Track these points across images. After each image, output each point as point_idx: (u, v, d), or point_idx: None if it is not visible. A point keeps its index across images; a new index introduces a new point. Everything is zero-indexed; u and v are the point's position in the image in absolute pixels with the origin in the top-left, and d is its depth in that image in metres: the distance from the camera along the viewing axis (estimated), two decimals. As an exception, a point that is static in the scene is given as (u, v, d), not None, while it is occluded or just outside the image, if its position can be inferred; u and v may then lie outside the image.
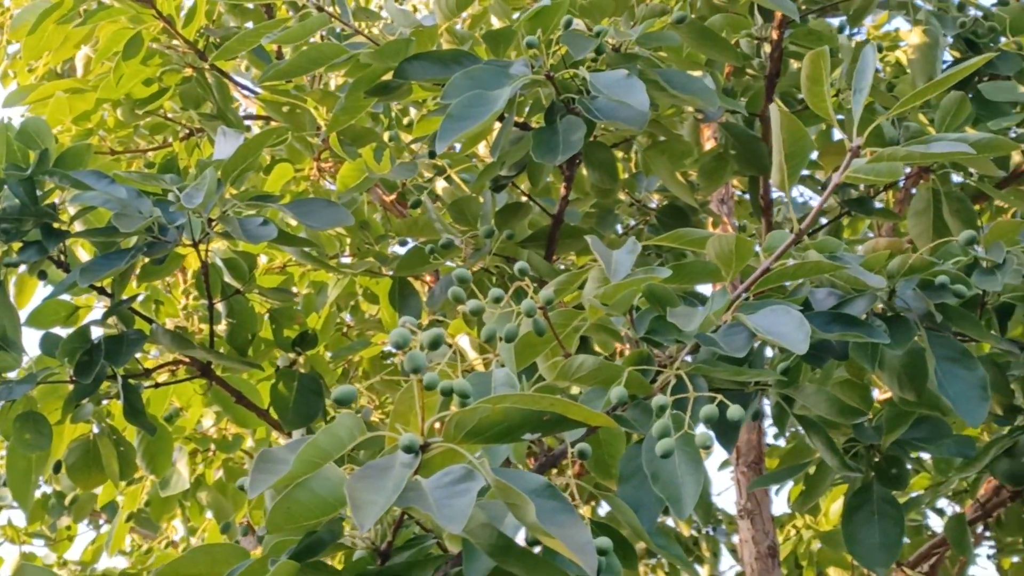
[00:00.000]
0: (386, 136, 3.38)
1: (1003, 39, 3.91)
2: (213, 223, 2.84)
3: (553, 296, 2.16)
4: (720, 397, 2.00)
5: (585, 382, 2.15)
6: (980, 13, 3.96)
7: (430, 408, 1.84)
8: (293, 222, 3.43)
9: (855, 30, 4.05)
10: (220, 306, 3.24)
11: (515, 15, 4.01)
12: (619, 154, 3.72)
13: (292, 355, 3.35)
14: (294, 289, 3.98)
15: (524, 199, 3.36)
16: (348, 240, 3.74)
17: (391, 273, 3.47)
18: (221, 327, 3.26)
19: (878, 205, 4.24)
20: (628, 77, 2.60)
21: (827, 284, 2.36)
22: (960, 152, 2.12)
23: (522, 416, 1.80)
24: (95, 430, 3.25)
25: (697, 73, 3.24)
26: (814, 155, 4.38)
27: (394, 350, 1.89)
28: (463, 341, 3.62)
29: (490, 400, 1.77)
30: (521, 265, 2.13)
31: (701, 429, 2.06)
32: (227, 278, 3.20)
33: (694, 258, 2.33)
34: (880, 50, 3.92)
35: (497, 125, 3.02)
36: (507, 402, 1.77)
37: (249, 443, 4.27)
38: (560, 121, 2.79)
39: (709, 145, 4.18)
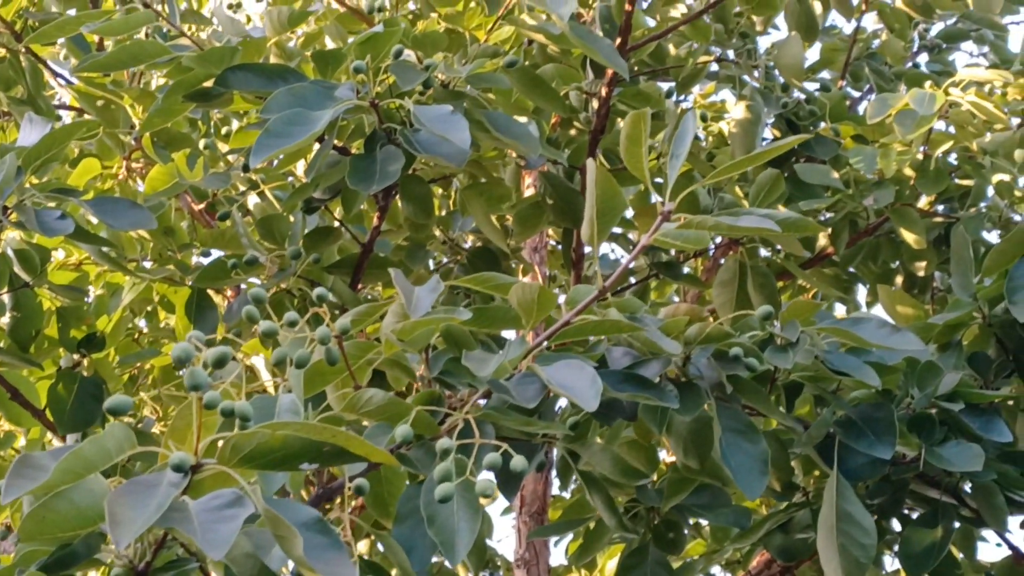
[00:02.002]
0: (201, 143, 3.30)
1: (823, 124, 4.02)
2: (8, 211, 2.72)
3: (349, 326, 2.12)
4: (505, 446, 1.98)
5: (372, 416, 2.11)
6: (803, 96, 4.06)
7: (208, 427, 1.77)
8: (95, 219, 3.32)
9: (682, 97, 4.12)
10: (5, 298, 3.11)
11: (351, 39, 3.99)
12: (438, 190, 3.71)
13: (76, 356, 3.24)
14: (90, 289, 3.85)
15: (336, 224, 3.31)
16: (150, 244, 3.63)
17: (190, 283, 3.38)
18: (4, 320, 3.13)
19: (686, 270, 4.30)
20: (452, 114, 2.59)
21: (625, 343, 2.36)
22: (766, 229, 2.16)
23: (301, 445, 1.76)
24: None
25: (523, 119, 3.23)
26: (629, 213, 4.44)
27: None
28: (258, 361, 3.54)
29: (270, 426, 1.71)
30: (320, 291, 2.09)
31: (485, 476, 2.03)
32: (17, 269, 3.07)
33: (498, 303, 2.31)
34: (704, 120, 3.99)
35: (316, 146, 2.97)
36: (287, 429, 1.73)
37: (22, 442, 4.11)
38: (379, 150, 2.75)
39: (529, 192, 4.19)
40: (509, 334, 3.85)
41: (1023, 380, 2.89)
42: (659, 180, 4.07)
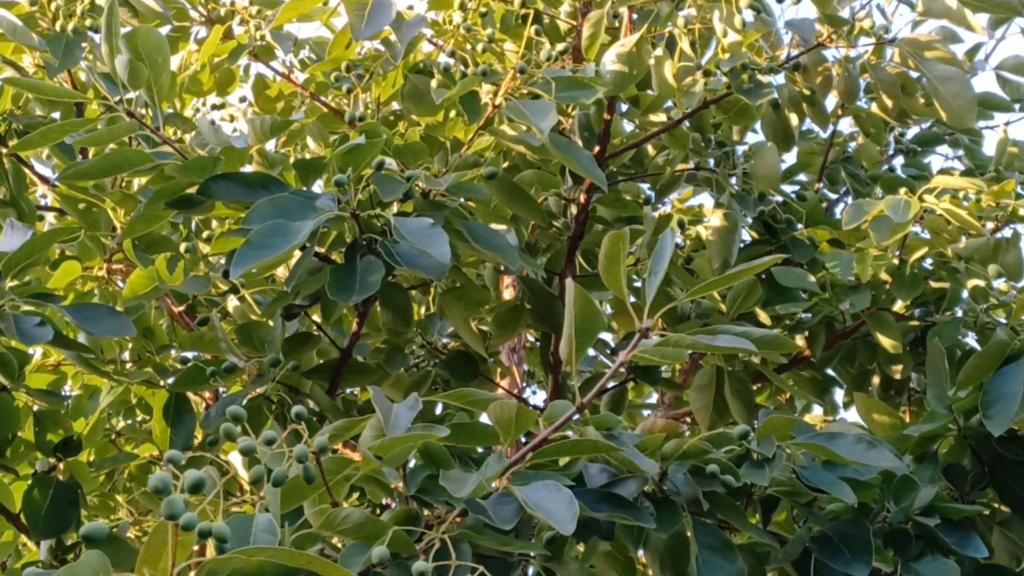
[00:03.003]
0: (183, 247, 3.31)
1: (799, 226, 4.05)
2: (-13, 317, 2.73)
3: (327, 444, 2.12)
4: (481, 569, 1.98)
5: (349, 535, 2.11)
6: (780, 199, 4.11)
7: (184, 546, 1.77)
8: (73, 322, 3.31)
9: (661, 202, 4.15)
10: (-17, 402, 3.10)
11: (332, 137, 4.02)
12: (415, 292, 3.72)
13: (52, 460, 3.22)
14: (68, 385, 3.83)
15: (315, 330, 3.32)
16: (129, 345, 3.63)
17: (168, 386, 3.37)
18: (-20, 424, 3.12)
19: (664, 368, 4.31)
20: (432, 227, 2.61)
21: (602, 460, 2.37)
22: (743, 348, 2.18)
23: (277, 571, 1.76)
24: None
25: (502, 227, 3.26)
26: (607, 309, 4.46)
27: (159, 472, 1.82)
28: (236, 459, 3.53)
29: (245, 551, 1.71)
30: (298, 410, 2.09)
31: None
32: (-6, 373, 3.07)
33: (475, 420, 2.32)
34: (683, 226, 4.03)
35: (297, 253, 2.98)
36: (263, 555, 1.73)
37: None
38: (360, 260, 2.77)
39: (508, 293, 4.21)
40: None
41: (998, 492, 2.90)
42: (636, 280, 4.10)
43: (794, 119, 3.81)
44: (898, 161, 4.90)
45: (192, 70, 4.30)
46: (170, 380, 3.39)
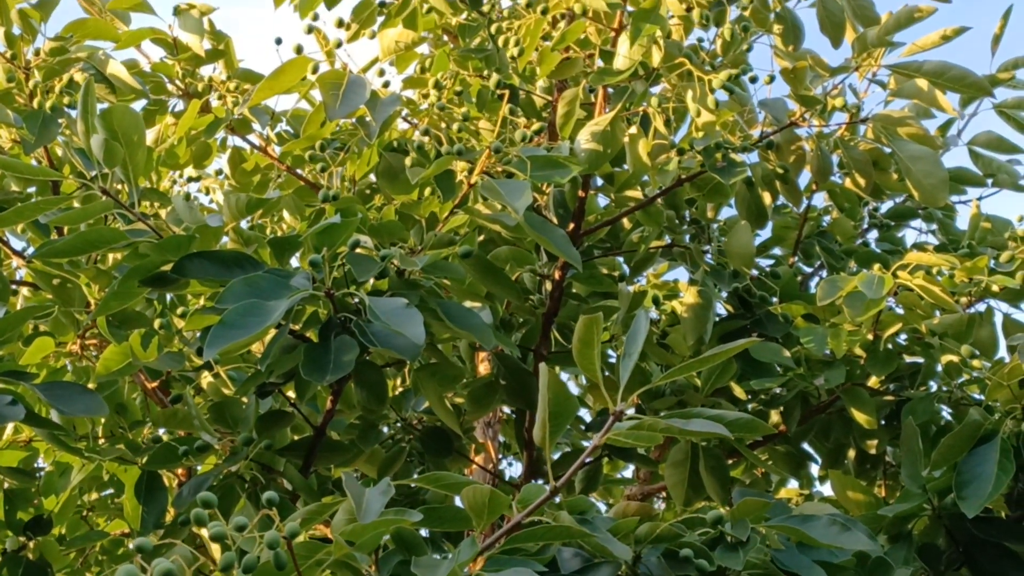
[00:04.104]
0: (156, 323, 3.29)
1: (774, 300, 4.07)
2: (-42, 395, 2.71)
3: (299, 529, 2.10)
4: (454, 658, 1.97)
5: (319, 622, 2.09)
6: (755, 272, 4.12)
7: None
8: (46, 398, 3.29)
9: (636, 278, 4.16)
10: (-47, 481, 3.08)
11: (308, 210, 4.02)
12: (389, 368, 3.72)
13: (22, 539, 3.19)
14: (40, 460, 3.81)
15: (289, 406, 3.30)
16: (102, 421, 3.60)
17: (141, 464, 3.35)
18: (-50, 502, 3.10)
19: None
20: (407, 307, 2.61)
21: (575, 544, 2.36)
22: (717, 433, 2.18)
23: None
24: None
25: (476, 304, 3.26)
26: (583, 380, 4.44)
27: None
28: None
29: (215, 644, 1.70)
30: (269, 495, 2.08)
31: None
32: (-36, 452, 3.05)
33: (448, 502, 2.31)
34: (657, 302, 4.04)
35: (272, 331, 2.97)
36: (233, 647, 1.71)
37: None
38: (334, 339, 2.76)
39: (483, 367, 4.20)
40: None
41: (972, 572, 2.91)
42: (610, 355, 4.10)
43: (767, 197, 3.83)
44: (872, 235, 4.94)
45: (169, 143, 4.30)
46: (143, 457, 3.37)
